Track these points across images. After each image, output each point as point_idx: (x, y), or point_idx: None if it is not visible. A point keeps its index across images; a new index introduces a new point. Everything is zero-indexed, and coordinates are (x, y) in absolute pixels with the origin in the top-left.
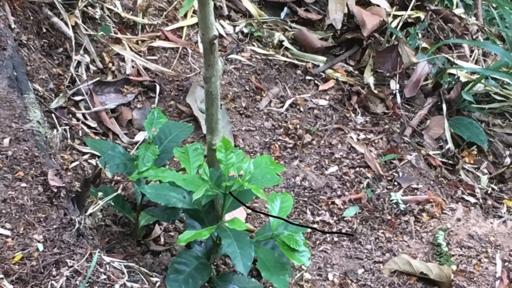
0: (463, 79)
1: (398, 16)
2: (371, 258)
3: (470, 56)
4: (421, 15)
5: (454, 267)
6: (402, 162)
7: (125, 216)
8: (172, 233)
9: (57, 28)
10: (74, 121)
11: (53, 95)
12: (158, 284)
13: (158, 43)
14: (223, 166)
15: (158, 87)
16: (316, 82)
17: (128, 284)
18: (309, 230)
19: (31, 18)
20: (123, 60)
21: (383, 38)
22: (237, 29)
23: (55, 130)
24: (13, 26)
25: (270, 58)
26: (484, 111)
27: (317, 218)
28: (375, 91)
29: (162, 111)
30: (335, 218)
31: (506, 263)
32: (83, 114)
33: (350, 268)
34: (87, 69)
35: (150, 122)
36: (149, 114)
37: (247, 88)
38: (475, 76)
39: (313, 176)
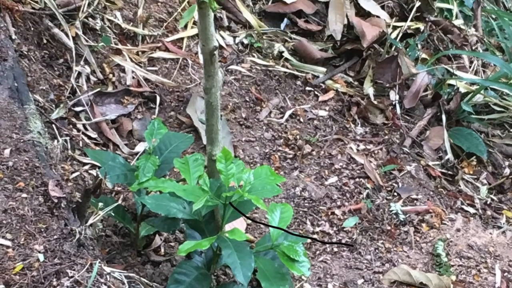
0: (462, 90)
1: (398, 27)
2: (370, 269)
3: (470, 67)
4: (421, 26)
5: (453, 278)
6: (401, 173)
7: (125, 226)
8: (172, 244)
9: (57, 39)
10: (74, 132)
11: (53, 105)
12: None
13: (158, 54)
14: (223, 177)
15: (158, 98)
16: (316, 93)
17: None
18: (309, 240)
19: (32, 29)
20: (123, 71)
21: (382, 49)
22: (237, 40)
23: (55, 140)
24: (13, 37)
25: (270, 69)
26: (484, 121)
27: (317, 229)
28: (375, 102)
29: (162, 121)
30: (335, 228)
31: (506, 274)
32: (84, 125)
33: (350, 279)
34: (88, 80)
35: (151, 132)
36: (149, 125)
37: (247, 99)
38: (474, 87)
39: (313, 187)
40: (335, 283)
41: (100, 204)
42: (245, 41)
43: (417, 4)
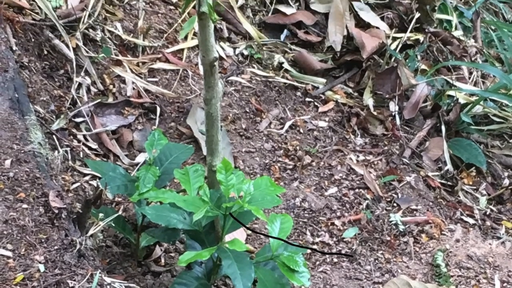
0: (462, 101)
1: (397, 38)
2: (370, 279)
3: (469, 78)
4: (420, 37)
5: None
6: (401, 183)
7: (125, 237)
8: (172, 254)
9: (58, 50)
10: (75, 143)
11: (54, 116)
12: None
13: (158, 65)
14: (223, 188)
15: (158, 109)
16: (315, 103)
17: None
18: (309, 251)
19: (33, 40)
20: (123, 82)
21: (382, 60)
22: (237, 51)
23: (56, 151)
24: (14, 48)
25: (270, 80)
26: (483, 132)
27: (317, 239)
28: (375, 113)
29: (163, 132)
30: (334, 239)
31: (505, 284)
32: (84, 136)
33: None
34: (88, 91)
35: (151, 143)
36: (149, 136)
37: (247, 110)
38: (473, 98)
39: (312, 197)
40: None
41: (101, 214)
42: (245, 52)
43: (417, 15)
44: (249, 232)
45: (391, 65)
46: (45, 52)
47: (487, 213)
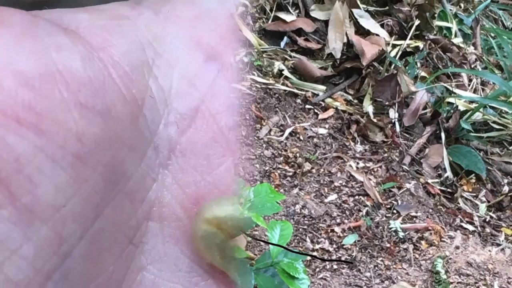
0: (461, 108)
1: (397, 45)
2: (370, 286)
3: (469, 85)
4: (420, 44)
5: None
6: (401, 190)
7: None
8: None
9: None
10: None
11: None
12: None
13: None
14: None
15: None
16: (315, 111)
17: None
18: (308, 257)
19: None
20: None
21: (382, 67)
22: (237, 58)
23: None
24: None
25: (270, 87)
26: (483, 139)
27: (317, 246)
28: (374, 120)
29: None
30: (334, 245)
31: None
32: None
33: None
34: None
35: None
36: None
37: (247, 117)
38: (473, 105)
39: (312, 204)
40: None
41: None
42: (245, 59)
43: (417, 22)
44: (249, 238)
45: (391, 72)
46: None
47: (487, 220)
